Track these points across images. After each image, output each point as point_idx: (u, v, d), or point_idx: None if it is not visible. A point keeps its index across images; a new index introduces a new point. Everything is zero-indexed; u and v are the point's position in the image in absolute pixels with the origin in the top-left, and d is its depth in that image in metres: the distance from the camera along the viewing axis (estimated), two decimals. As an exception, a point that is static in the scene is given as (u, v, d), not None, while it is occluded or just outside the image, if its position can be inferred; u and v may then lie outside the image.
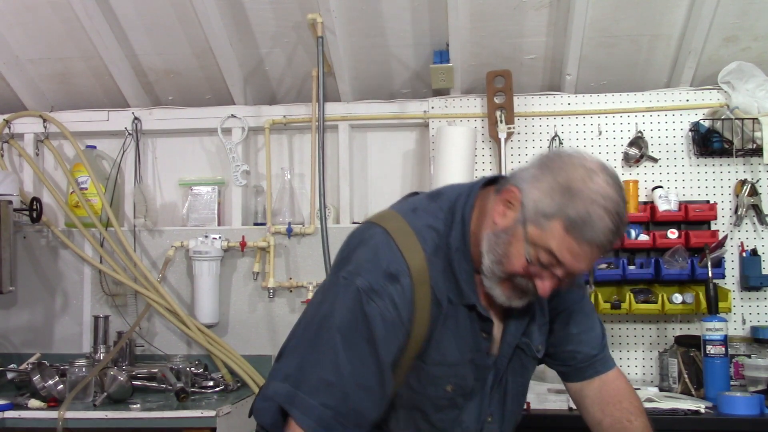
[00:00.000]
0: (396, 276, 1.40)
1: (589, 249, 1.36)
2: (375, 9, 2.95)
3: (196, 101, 3.38)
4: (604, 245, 1.36)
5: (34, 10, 3.04)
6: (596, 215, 1.33)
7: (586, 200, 1.34)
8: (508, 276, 1.43)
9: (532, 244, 1.38)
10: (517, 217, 1.40)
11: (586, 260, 1.37)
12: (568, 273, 1.39)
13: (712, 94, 3.07)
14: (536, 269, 1.39)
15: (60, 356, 3.10)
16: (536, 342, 1.60)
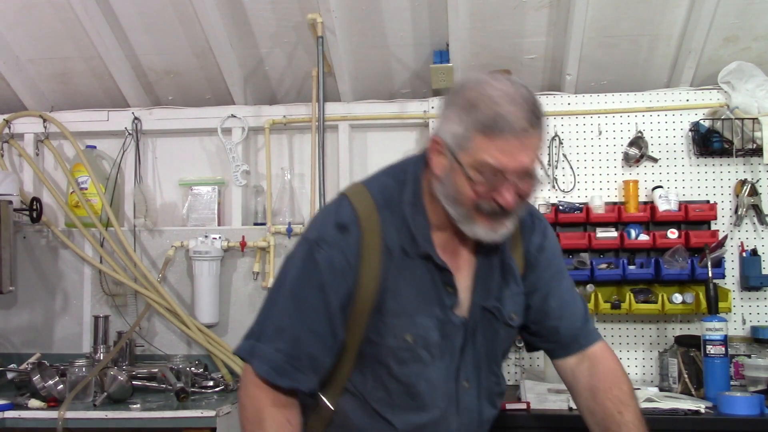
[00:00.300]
0: (345, 226, 1.49)
1: (516, 140, 1.40)
2: (375, 9, 2.95)
3: (196, 101, 3.38)
4: (526, 128, 1.40)
5: (34, 10, 3.04)
6: (503, 109, 1.39)
7: (487, 103, 1.40)
8: (472, 208, 1.46)
9: (470, 169, 1.42)
10: (447, 157, 1.46)
11: (520, 152, 1.41)
12: (517, 174, 1.42)
13: (712, 94, 3.07)
14: (488, 188, 1.43)
15: (60, 356, 3.11)
16: (509, 309, 1.60)
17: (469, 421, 1.56)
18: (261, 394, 1.48)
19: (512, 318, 1.62)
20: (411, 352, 1.50)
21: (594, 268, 2.90)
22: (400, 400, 1.52)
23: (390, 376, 1.52)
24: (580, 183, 3.10)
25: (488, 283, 1.58)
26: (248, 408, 1.51)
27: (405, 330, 1.50)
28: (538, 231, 1.69)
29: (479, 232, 1.48)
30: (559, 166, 3.11)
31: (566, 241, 2.93)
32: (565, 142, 3.11)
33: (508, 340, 1.65)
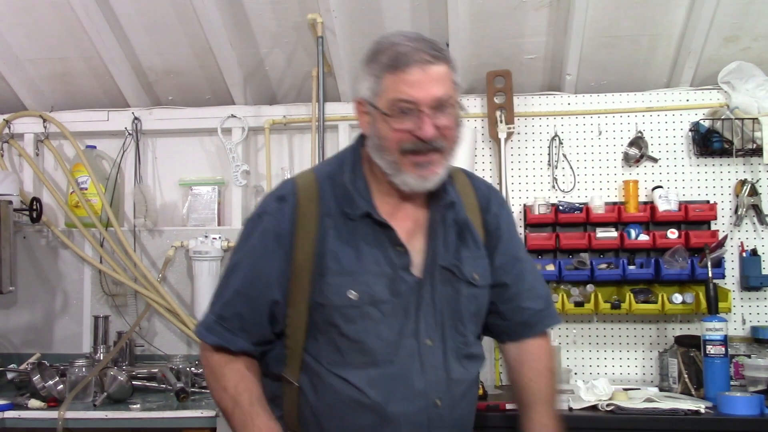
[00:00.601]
0: (283, 197, 1.61)
1: (421, 71, 1.50)
2: (375, 9, 2.95)
3: (196, 101, 3.38)
4: (429, 60, 1.50)
5: (34, 10, 3.04)
6: (401, 46, 1.51)
7: (386, 46, 1.54)
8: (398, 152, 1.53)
9: (388, 110, 1.52)
10: (369, 110, 1.57)
11: (428, 83, 1.50)
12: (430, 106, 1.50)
13: (712, 94, 3.07)
14: (404, 122, 1.51)
15: (60, 356, 3.10)
16: (469, 268, 1.63)
17: (436, 379, 1.56)
18: (208, 355, 1.62)
19: (474, 278, 1.63)
20: (358, 309, 1.54)
21: (594, 268, 2.90)
22: (352, 358, 1.55)
23: (341, 335, 1.55)
24: (580, 183, 3.10)
25: (443, 243, 1.61)
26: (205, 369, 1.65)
27: (348, 288, 1.54)
28: (495, 200, 1.75)
29: (409, 180, 1.55)
30: (559, 166, 3.11)
31: (566, 241, 2.94)
32: (565, 142, 3.11)
33: (475, 301, 1.65)
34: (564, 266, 2.90)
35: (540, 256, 3.00)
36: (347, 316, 1.54)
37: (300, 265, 1.56)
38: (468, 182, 1.75)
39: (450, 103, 1.53)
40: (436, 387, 1.56)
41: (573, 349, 3.02)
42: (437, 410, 1.55)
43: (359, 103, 1.60)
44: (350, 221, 1.57)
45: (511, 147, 3.12)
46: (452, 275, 1.61)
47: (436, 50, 1.52)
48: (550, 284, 2.94)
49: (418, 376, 1.55)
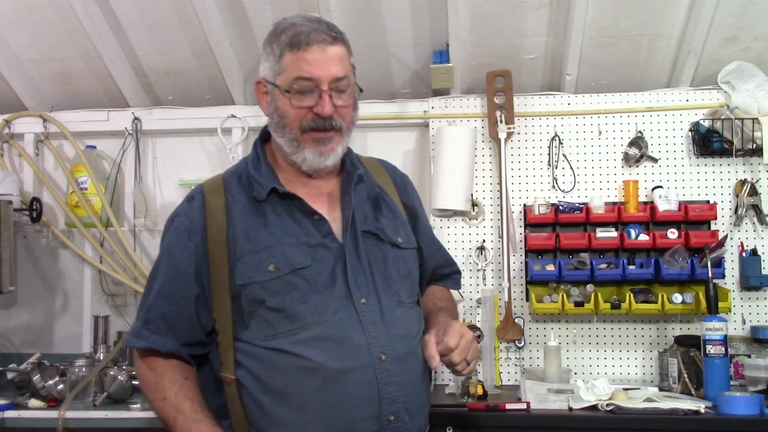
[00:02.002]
0: (192, 197, 1.68)
1: (320, 50, 1.57)
2: (375, 9, 2.95)
3: (196, 101, 3.38)
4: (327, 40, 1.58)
5: (34, 10, 3.05)
6: (301, 26, 1.59)
7: (286, 27, 1.61)
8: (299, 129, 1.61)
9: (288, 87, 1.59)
10: (269, 89, 1.64)
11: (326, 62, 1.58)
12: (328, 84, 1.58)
13: (712, 94, 3.07)
14: (303, 99, 1.59)
15: (60, 356, 3.11)
16: (391, 232, 1.71)
17: (377, 334, 1.58)
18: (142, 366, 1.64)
19: (399, 241, 1.71)
20: (280, 280, 1.56)
21: (594, 268, 2.90)
22: (282, 327, 1.56)
23: (268, 309, 1.57)
24: (580, 183, 3.10)
25: (359, 211, 1.69)
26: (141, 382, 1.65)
27: (266, 263, 1.57)
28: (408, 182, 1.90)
29: (309, 157, 1.63)
30: (559, 166, 3.11)
31: (566, 241, 2.93)
32: (565, 142, 3.11)
33: (404, 263, 1.71)
34: (564, 266, 2.90)
35: (540, 256, 3.00)
36: (270, 289, 1.56)
37: (215, 256, 1.59)
38: (378, 164, 1.86)
39: (347, 83, 1.61)
40: (378, 342, 1.57)
41: (573, 349, 3.02)
42: (383, 364, 1.56)
43: (259, 83, 1.66)
44: (259, 204, 1.63)
45: (511, 147, 3.12)
46: (377, 239, 1.68)
47: (335, 32, 1.61)
48: (550, 284, 2.95)
49: (358, 333, 1.56)
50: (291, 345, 1.54)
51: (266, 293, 1.56)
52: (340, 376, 1.53)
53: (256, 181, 1.65)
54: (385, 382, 1.56)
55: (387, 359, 1.56)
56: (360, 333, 1.56)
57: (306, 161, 1.63)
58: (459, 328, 1.62)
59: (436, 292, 1.92)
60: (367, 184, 1.75)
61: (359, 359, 1.54)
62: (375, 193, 1.75)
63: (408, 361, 1.61)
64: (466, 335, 1.61)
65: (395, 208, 1.77)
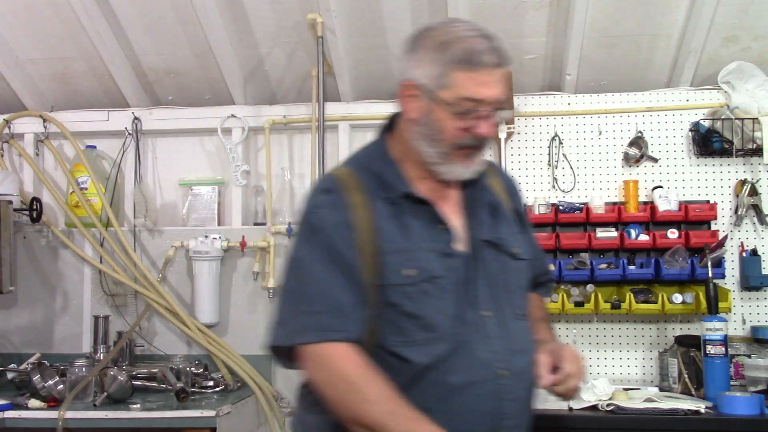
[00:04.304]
0: (329, 189, 1.58)
1: (489, 71, 1.51)
2: (375, 9, 2.95)
3: (196, 101, 3.38)
4: (495, 61, 1.52)
5: (34, 10, 3.04)
6: (474, 44, 1.51)
7: (459, 41, 1.51)
8: (453, 146, 1.55)
9: (450, 105, 1.52)
10: (425, 97, 1.54)
11: (495, 84, 1.52)
12: (492, 105, 1.53)
13: (712, 94, 3.07)
14: (468, 121, 1.53)
15: (60, 356, 3.11)
16: (510, 242, 1.66)
17: (499, 348, 1.55)
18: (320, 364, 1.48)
19: (517, 252, 1.66)
20: (415, 286, 1.52)
21: (594, 268, 2.90)
22: (416, 335, 1.51)
23: (402, 314, 1.52)
24: (580, 183, 3.10)
25: (479, 220, 1.64)
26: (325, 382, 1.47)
27: (405, 265, 1.52)
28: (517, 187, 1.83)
29: (458, 169, 1.58)
30: (559, 166, 3.11)
31: (566, 241, 2.94)
32: (565, 142, 3.11)
33: (520, 274, 1.68)
34: (564, 266, 2.90)
35: (540, 256, 3.00)
36: (406, 293, 1.51)
37: (363, 251, 1.52)
38: (490, 167, 1.77)
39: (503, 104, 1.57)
40: (500, 357, 1.54)
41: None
42: (503, 380, 1.53)
43: (410, 86, 1.56)
44: (391, 205, 1.57)
45: (511, 147, 3.12)
46: (497, 249, 1.62)
47: (503, 52, 1.53)
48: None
49: (481, 346, 1.53)
50: (419, 355, 1.50)
51: (402, 297, 1.51)
52: (461, 390, 1.50)
53: (387, 182, 1.59)
54: (505, 398, 1.54)
55: (507, 375, 1.54)
56: (484, 347, 1.53)
57: (452, 173, 1.59)
58: (572, 352, 1.62)
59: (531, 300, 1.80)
60: (486, 190, 1.69)
61: (481, 374, 1.52)
62: (492, 200, 1.69)
63: (524, 377, 1.59)
64: (579, 360, 1.61)
65: (510, 215, 1.72)
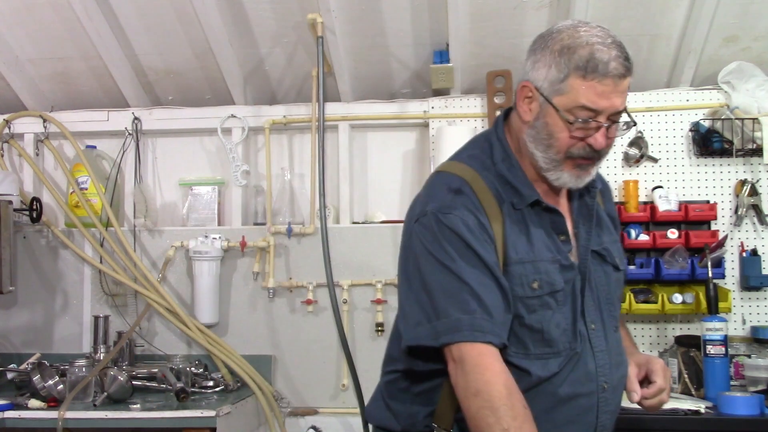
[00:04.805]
0: (459, 189, 1.51)
1: (611, 81, 1.45)
2: (375, 9, 2.95)
3: (196, 101, 3.38)
4: (620, 71, 1.45)
5: (34, 10, 3.04)
6: (598, 51, 1.44)
7: (583, 46, 1.45)
8: (565, 154, 1.52)
9: (566, 112, 1.47)
10: (540, 101, 1.50)
11: (614, 95, 1.46)
12: (608, 117, 1.48)
13: (712, 94, 3.07)
14: (582, 131, 1.48)
15: (60, 356, 3.11)
16: (613, 253, 1.64)
17: (604, 362, 1.56)
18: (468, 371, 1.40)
19: (618, 262, 1.65)
20: (539, 299, 1.50)
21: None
22: (536, 349, 1.50)
23: (523, 326, 1.50)
24: (580, 183, 3.10)
25: (587, 228, 1.62)
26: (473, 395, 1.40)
27: (530, 278, 1.50)
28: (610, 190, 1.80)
29: (565, 178, 1.54)
30: (559, 166, 3.11)
31: (566, 241, 2.93)
32: (565, 142, 3.11)
33: (619, 285, 1.67)
34: (564, 266, 2.89)
35: (540, 256, 3.00)
36: (529, 306, 1.50)
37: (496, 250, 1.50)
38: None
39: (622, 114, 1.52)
40: (603, 371, 1.55)
41: (573, 349, 3.02)
42: (604, 393, 1.55)
43: (528, 87, 1.52)
44: (517, 211, 1.54)
45: (511, 147, 3.12)
46: (601, 259, 1.62)
47: (629, 61, 1.47)
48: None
49: (590, 360, 1.54)
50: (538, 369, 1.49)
51: (525, 309, 1.49)
52: (568, 401, 1.51)
53: (515, 188, 1.55)
54: (603, 411, 1.55)
55: (608, 388, 1.56)
56: (591, 360, 1.54)
57: (560, 180, 1.55)
58: (662, 365, 1.61)
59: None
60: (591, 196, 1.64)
61: (587, 386, 1.53)
62: (595, 208, 1.64)
63: (619, 389, 1.60)
64: (668, 373, 1.61)
65: (609, 223, 1.69)
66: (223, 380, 2.97)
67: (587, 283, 1.57)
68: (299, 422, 3.10)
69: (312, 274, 3.14)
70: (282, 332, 3.16)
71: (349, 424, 3.07)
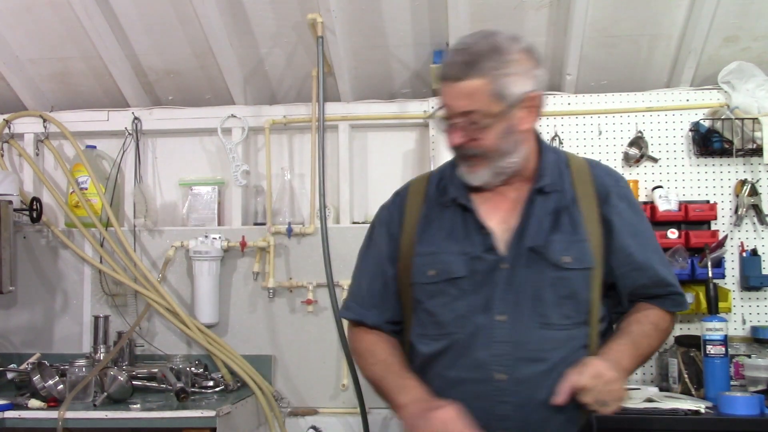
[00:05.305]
0: (398, 192, 1.86)
1: (449, 83, 1.61)
2: (375, 9, 2.95)
3: (196, 101, 3.38)
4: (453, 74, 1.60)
5: (34, 10, 3.05)
6: (447, 56, 1.66)
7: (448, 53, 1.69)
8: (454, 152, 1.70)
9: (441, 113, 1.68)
10: None
11: (454, 95, 1.61)
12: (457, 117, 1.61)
13: (712, 94, 3.07)
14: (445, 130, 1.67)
15: (60, 356, 3.11)
16: (559, 251, 1.64)
17: (503, 353, 1.60)
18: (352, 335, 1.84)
19: (563, 261, 1.64)
20: (435, 285, 1.67)
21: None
22: (429, 330, 1.69)
23: (423, 310, 1.71)
24: (580, 183, 3.10)
25: (536, 224, 1.67)
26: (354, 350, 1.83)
27: (428, 267, 1.69)
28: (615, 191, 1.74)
29: (462, 173, 1.69)
30: (559, 166, 3.11)
31: (566, 241, 2.93)
32: (565, 142, 3.11)
33: (565, 284, 1.65)
34: (564, 266, 2.89)
35: (540, 256, 3.00)
36: (428, 292, 1.69)
37: (404, 250, 1.74)
38: (586, 170, 1.77)
39: (481, 117, 1.59)
40: (500, 361, 1.60)
41: (573, 349, 3.02)
42: (501, 384, 1.59)
43: None
44: (443, 207, 1.73)
45: (511, 147, 3.12)
46: (540, 256, 1.64)
47: (469, 65, 1.57)
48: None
49: (482, 348, 1.61)
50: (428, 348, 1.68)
51: (424, 295, 1.70)
52: (456, 385, 1.62)
53: (446, 187, 1.75)
54: (500, 401, 1.59)
55: (505, 379, 1.59)
56: (483, 349, 1.61)
57: (462, 176, 1.70)
58: (596, 366, 1.55)
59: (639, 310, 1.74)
60: (556, 194, 1.69)
61: (474, 374, 1.61)
62: (562, 206, 1.69)
63: (532, 385, 1.60)
64: (604, 375, 1.53)
65: (579, 223, 1.68)
66: (223, 380, 2.97)
67: (504, 277, 1.63)
68: (299, 422, 3.11)
69: (312, 274, 3.14)
70: (282, 332, 3.17)
71: (349, 424, 3.07)
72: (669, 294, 1.74)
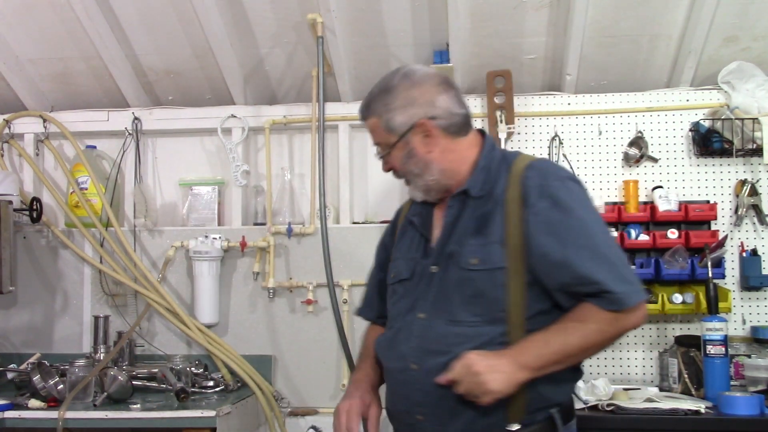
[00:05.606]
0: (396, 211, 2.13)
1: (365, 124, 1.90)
2: (375, 9, 2.95)
3: (196, 101, 3.38)
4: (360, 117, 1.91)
5: (34, 10, 3.05)
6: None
7: None
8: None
9: None
10: None
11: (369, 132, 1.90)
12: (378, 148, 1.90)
13: (712, 94, 3.07)
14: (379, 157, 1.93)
15: (60, 356, 3.11)
16: (468, 253, 1.75)
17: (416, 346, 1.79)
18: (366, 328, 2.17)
19: (470, 263, 1.75)
20: (392, 286, 1.94)
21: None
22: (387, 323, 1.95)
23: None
24: (580, 183, 3.10)
25: (458, 230, 1.81)
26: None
27: (393, 270, 1.95)
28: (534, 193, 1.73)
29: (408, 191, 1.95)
30: (559, 166, 3.11)
31: (566, 241, 2.93)
32: (565, 142, 3.11)
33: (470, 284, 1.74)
34: (564, 266, 2.89)
35: (540, 256, 3.00)
36: (390, 291, 1.96)
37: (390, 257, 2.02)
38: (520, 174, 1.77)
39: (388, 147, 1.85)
40: (413, 353, 1.79)
41: (573, 349, 3.01)
42: (414, 373, 1.78)
43: None
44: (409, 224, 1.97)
45: (511, 147, 3.12)
46: (452, 260, 1.79)
47: (364, 107, 1.88)
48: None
49: (404, 342, 1.82)
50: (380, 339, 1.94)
51: (389, 294, 1.96)
52: (389, 373, 1.89)
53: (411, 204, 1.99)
54: (414, 388, 1.78)
55: (417, 369, 1.77)
56: (405, 343, 1.81)
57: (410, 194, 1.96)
58: (467, 360, 1.65)
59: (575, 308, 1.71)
60: (480, 200, 1.80)
61: (396, 363, 1.84)
62: (487, 210, 1.78)
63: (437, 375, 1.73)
64: (471, 368, 1.63)
65: (496, 227, 1.74)
66: (223, 380, 2.97)
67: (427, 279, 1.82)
68: (299, 422, 3.11)
69: (312, 274, 3.14)
70: (282, 332, 3.17)
71: (349, 424, 3.06)
72: (599, 292, 1.64)
